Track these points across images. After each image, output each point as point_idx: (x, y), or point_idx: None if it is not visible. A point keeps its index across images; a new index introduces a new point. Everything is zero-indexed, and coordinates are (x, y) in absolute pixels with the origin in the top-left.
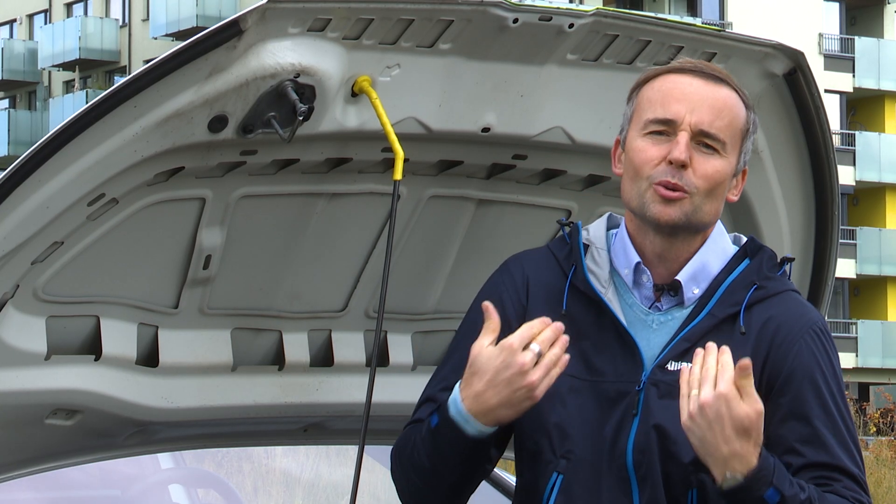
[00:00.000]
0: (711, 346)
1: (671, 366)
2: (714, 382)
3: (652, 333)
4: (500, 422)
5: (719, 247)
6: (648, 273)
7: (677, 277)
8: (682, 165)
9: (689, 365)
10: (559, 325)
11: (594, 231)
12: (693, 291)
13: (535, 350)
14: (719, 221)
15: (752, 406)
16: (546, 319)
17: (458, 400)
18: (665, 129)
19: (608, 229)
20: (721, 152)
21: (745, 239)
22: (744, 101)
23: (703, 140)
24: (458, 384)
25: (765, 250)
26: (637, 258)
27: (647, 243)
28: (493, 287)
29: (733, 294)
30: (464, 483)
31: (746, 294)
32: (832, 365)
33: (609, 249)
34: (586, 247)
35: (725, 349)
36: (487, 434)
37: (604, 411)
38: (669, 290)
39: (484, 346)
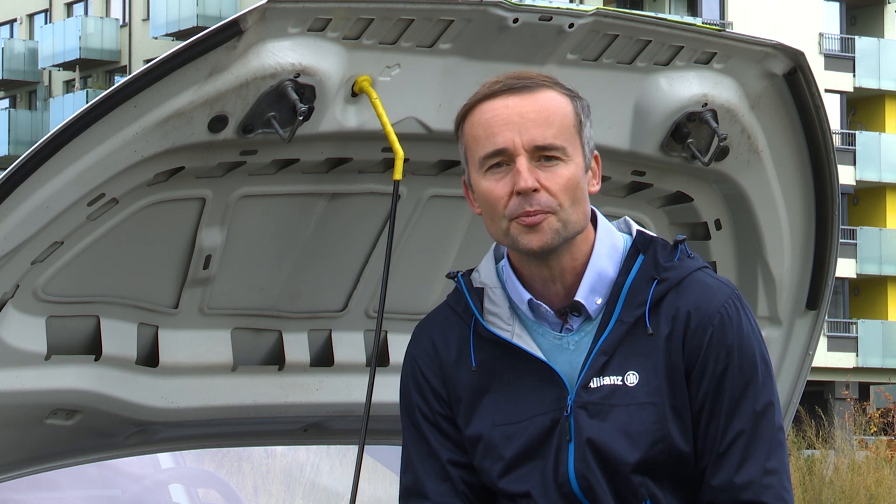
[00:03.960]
0: None
1: (594, 383)
2: None
3: (570, 355)
4: None
5: (608, 246)
6: (544, 306)
7: (576, 298)
8: (533, 190)
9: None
10: None
11: (484, 272)
12: (596, 302)
13: None
14: (602, 218)
15: None
16: None
17: None
18: (501, 159)
19: (497, 262)
20: (563, 158)
21: (633, 224)
22: (567, 94)
23: (542, 154)
24: None
25: (656, 241)
26: (527, 296)
27: (533, 274)
28: (410, 361)
29: (637, 295)
30: None
31: (649, 291)
32: (743, 344)
33: (504, 285)
34: (482, 290)
35: None
36: None
37: (542, 445)
38: (572, 311)
39: None
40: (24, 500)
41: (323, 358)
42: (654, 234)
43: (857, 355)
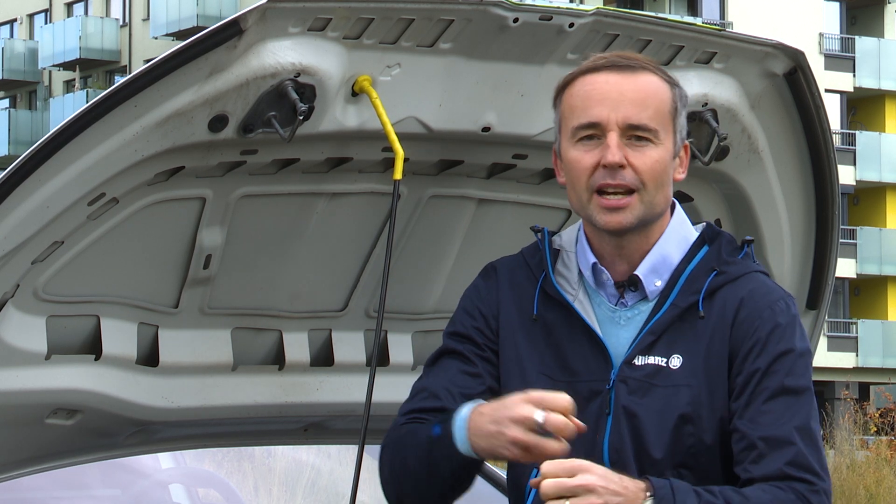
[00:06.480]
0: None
1: (638, 360)
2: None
3: (620, 329)
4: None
5: (679, 236)
6: (606, 273)
7: (635, 272)
8: (619, 166)
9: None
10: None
11: (566, 236)
12: (655, 284)
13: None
14: (679, 209)
15: (583, 480)
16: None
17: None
18: (593, 132)
19: (578, 231)
20: (654, 140)
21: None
22: (667, 81)
23: (634, 133)
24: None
25: (723, 235)
26: (593, 259)
27: (603, 245)
28: (472, 292)
29: (694, 282)
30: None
31: (706, 280)
32: (793, 342)
33: (576, 252)
34: (558, 251)
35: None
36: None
37: (580, 410)
38: (630, 285)
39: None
40: (25, 500)
41: (323, 358)
42: (723, 230)
43: (857, 355)
